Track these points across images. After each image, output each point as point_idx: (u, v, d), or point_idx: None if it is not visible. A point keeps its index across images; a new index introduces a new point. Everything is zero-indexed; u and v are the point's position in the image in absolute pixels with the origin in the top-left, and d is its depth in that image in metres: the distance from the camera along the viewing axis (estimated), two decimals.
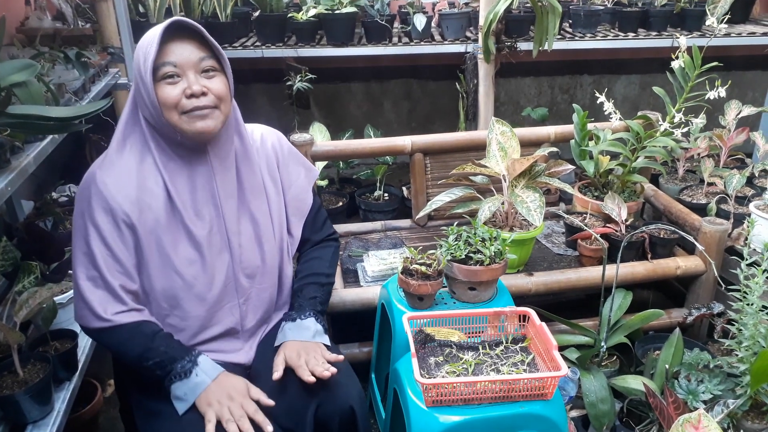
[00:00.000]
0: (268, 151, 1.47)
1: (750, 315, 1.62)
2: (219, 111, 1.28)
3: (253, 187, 1.41)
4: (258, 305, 1.47)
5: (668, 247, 2.16)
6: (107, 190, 1.27)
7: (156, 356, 1.29)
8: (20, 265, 1.65)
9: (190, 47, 1.25)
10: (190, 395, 1.28)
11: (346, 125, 3.69)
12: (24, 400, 1.37)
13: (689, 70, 2.09)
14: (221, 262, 1.37)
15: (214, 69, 1.28)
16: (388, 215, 3.04)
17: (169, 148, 1.31)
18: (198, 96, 1.24)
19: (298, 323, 1.45)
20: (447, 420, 1.32)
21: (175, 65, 1.24)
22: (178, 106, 1.24)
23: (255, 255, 1.42)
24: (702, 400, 1.65)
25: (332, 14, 3.15)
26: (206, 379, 1.29)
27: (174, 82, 1.24)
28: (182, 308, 1.36)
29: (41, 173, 2.49)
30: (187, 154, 1.32)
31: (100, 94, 2.19)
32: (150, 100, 1.24)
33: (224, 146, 1.35)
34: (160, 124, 1.27)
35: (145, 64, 1.22)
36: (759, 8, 3.75)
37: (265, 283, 1.46)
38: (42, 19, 2.53)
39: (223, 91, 1.28)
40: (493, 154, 2.02)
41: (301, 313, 1.47)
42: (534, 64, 3.49)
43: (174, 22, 1.23)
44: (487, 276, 1.63)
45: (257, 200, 1.42)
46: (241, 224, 1.40)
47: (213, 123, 1.28)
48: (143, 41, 1.26)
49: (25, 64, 1.46)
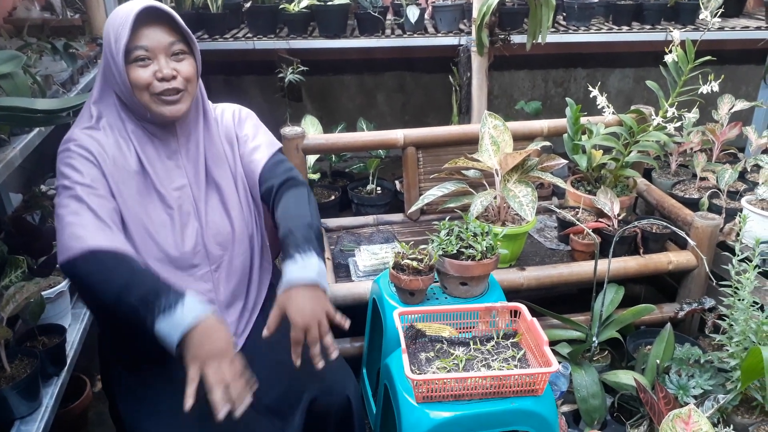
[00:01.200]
0: (226, 120, 1.51)
1: (741, 311, 1.63)
2: (187, 92, 1.33)
3: (215, 156, 1.44)
4: (231, 273, 1.45)
5: (660, 242, 2.16)
6: (89, 143, 1.30)
7: (140, 289, 1.17)
8: (7, 259, 1.63)
9: (161, 32, 1.28)
10: (174, 333, 1.14)
11: (338, 118, 3.67)
12: (11, 396, 1.36)
13: (682, 64, 2.08)
14: (191, 228, 1.38)
15: (184, 52, 1.32)
16: (381, 209, 3.03)
17: (138, 121, 1.36)
18: (168, 79, 1.29)
19: (299, 260, 1.30)
20: (437, 416, 1.32)
21: (147, 49, 1.27)
22: (149, 87, 1.29)
23: (224, 222, 1.43)
24: (692, 395, 1.65)
25: (324, 5, 3.13)
26: (189, 318, 1.15)
27: (145, 65, 1.28)
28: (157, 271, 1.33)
29: (29, 166, 2.46)
30: (156, 129, 1.37)
31: (88, 86, 2.15)
32: (121, 80, 1.28)
33: (191, 122, 1.41)
34: (131, 102, 1.32)
35: (117, 46, 1.25)
36: (752, 2, 3.75)
37: (236, 250, 1.45)
38: (30, 10, 2.50)
39: (192, 73, 1.33)
40: (486, 148, 2.01)
41: (299, 249, 1.32)
42: (527, 58, 3.48)
43: (146, 7, 1.26)
44: (479, 271, 1.62)
45: (219, 169, 1.44)
46: (208, 193, 1.42)
47: (182, 106, 1.33)
48: (114, 20, 1.28)
49: (11, 55, 1.44)
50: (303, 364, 1.29)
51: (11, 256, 1.64)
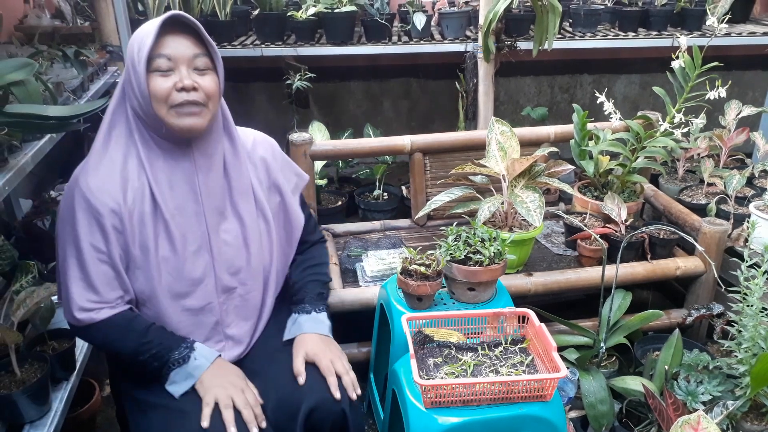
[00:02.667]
0: (259, 155, 1.46)
1: (750, 317, 1.62)
2: (207, 109, 1.28)
3: (241, 188, 1.40)
4: (241, 307, 1.43)
5: (668, 247, 2.16)
6: (91, 194, 1.27)
7: (151, 348, 1.29)
8: (18, 264, 1.65)
9: (186, 42, 1.25)
10: (190, 378, 1.29)
11: (345, 124, 3.68)
12: (21, 400, 1.36)
13: (689, 70, 2.08)
14: (200, 260, 1.35)
15: (207, 67, 1.28)
16: (387, 215, 3.03)
17: (152, 140, 1.30)
18: (188, 90, 1.25)
19: (314, 316, 1.46)
20: (446, 421, 1.32)
21: (170, 58, 1.24)
22: (168, 99, 1.24)
23: (240, 255, 1.40)
24: (701, 401, 1.64)
25: (332, 13, 3.15)
26: (205, 362, 1.31)
27: (166, 75, 1.24)
28: (159, 304, 1.34)
29: (39, 172, 2.48)
30: (171, 147, 1.31)
31: (98, 93, 2.18)
32: (140, 90, 1.24)
33: (210, 144, 1.35)
34: (148, 115, 1.27)
35: (140, 54, 1.23)
36: (759, 8, 3.75)
37: (249, 284, 1.43)
38: (41, 17, 2.52)
39: (213, 89, 1.29)
40: (493, 153, 2.02)
41: (314, 306, 1.48)
42: (534, 64, 3.49)
43: (173, 15, 1.24)
44: (487, 276, 1.63)
45: (244, 201, 1.40)
46: (228, 223, 1.38)
47: (200, 121, 1.28)
48: (140, 32, 1.26)
49: (23, 62, 1.45)
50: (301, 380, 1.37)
51: (22, 261, 1.65)
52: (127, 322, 1.31)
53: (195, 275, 1.35)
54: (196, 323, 1.37)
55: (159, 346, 1.29)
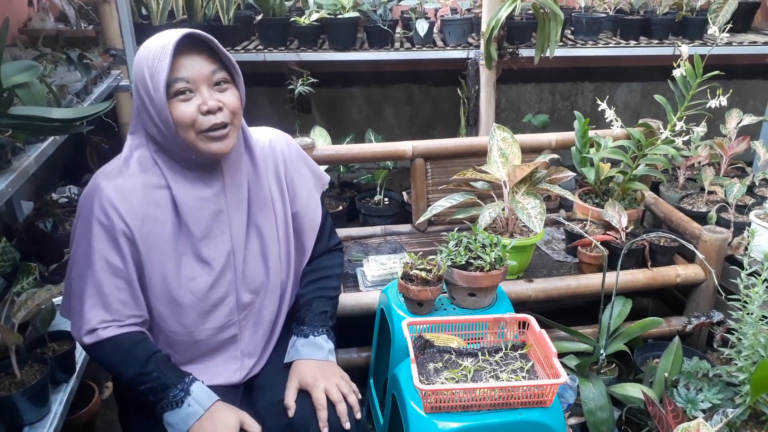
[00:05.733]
0: (277, 157, 1.40)
1: (750, 324, 1.62)
2: (233, 126, 1.23)
3: (261, 201, 1.35)
4: (258, 323, 1.41)
5: (668, 255, 2.16)
6: (109, 202, 1.21)
7: (149, 381, 1.23)
8: (19, 266, 1.65)
9: (201, 60, 1.18)
10: (182, 425, 1.23)
11: (347, 129, 3.69)
12: (21, 402, 1.36)
13: (690, 79, 2.09)
14: (224, 279, 1.32)
15: (226, 81, 1.22)
16: (388, 220, 3.04)
17: (178, 165, 1.25)
18: (214, 112, 1.18)
19: (312, 340, 1.39)
20: (446, 426, 1.32)
21: (188, 81, 1.17)
22: (194, 125, 1.18)
23: (260, 271, 1.37)
24: (701, 408, 1.64)
25: (335, 19, 3.16)
26: (199, 410, 1.24)
27: (187, 99, 1.17)
28: (181, 323, 1.31)
29: (42, 174, 2.49)
30: (199, 169, 1.26)
31: (101, 96, 2.19)
32: (162, 119, 1.17)
33: (236, 160, 1.30)
34: (173, 143, 1.20)
35: (155, 81, 1.15)
36: (760, 17, 3.76)
37: (267, 300, 1.40)
38: (45, 21, 2.54)
39: (237, 105, 1.23)
40: (494, 160, 2.02)
41: (313, 329, 1.41)
42: (535, 71, 3.49)
43: (186, 35, 1.16)
44: (487, 282, 1.63)
45: (263, 214, 1.36)
46: (249, 239, 1.35)
47: (230, 142, 1.23)
48: (148, 53, 1.17)
49: (28, 65, 1.46)
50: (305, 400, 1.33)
51: (23, 263, 1.66)
52: (132, 345, 1.25)
53: (218, 295, 1.32)
54: (215, 341, 1.36)
55: (156, 381, 1.23)
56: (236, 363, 1.40)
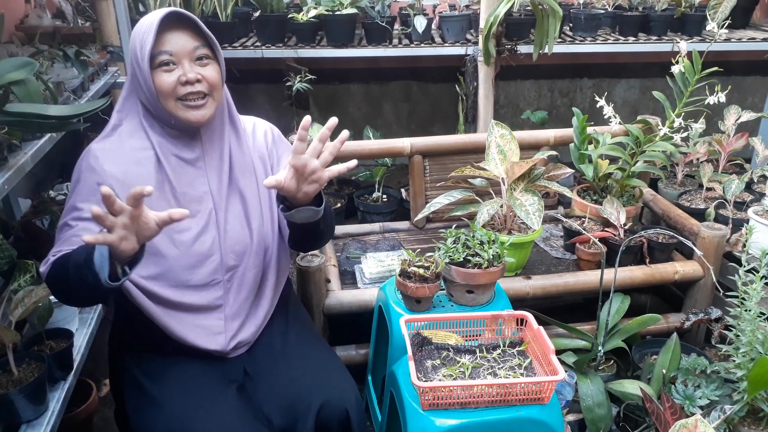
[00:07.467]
0: (259, 137, 1.51)
1: (747, 321, 1.62)
2: (212, 98, 1.34)
3: (242, 166, 1.44)
4: (242, 284, 1.44)
5: (666, 251, 2.16)
6: (96, 159, 1.31)
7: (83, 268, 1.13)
8: (16, 263, 1.64)
9: (185, 36, 1.30)
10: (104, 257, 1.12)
11: (345, 126, 3.63)
12: (18, 400, 1.36)
13: (689, 75, 2.09)
14: (209, 236, 1.38)
15: (208, 57, 1.33)
16: (387, 217, 3.04)
17: (162, 128, 1.36)
18: (193, 83, 1.30)
19: None
20: (443, 423, 1.32)
21: (171, 54, 1.29)
22: (173, 92, 1.30)
23: (244, 233, 1.43)
24: (699, 405, 1.64)
25: (333, 15, 3.15)
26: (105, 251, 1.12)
27: (170, 70, 1.29)
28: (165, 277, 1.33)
29: (39, 171, 2.48)
30: (180, 134, 1.37)
31: (98, 93, 2.18)
32: (147, 86, 1.29)
33: (216, 130, 1.41)
34: (156, 108, 1.32)
35: (142, 52, 1.27)
36: (759, 13, 3.76)
37: (251, 262, 1.45)
38: (41, 17, 2.52)
39: (216, 78, 1.33)
40: (493, 156, 2.02)
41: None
42: (534, 68, 3.49)
43: (170, 12, 1.28)
44: (485, 279, 1.63)
45: (246, 179, 1.44)
46: (230, 202, 1.42)
47: (207, 111, 1.33)
48: (140, 28, 1.31)
49: (24, 62, 1.45)
50: (307, 375, 1.37)
51: (20, 261, 1.65)
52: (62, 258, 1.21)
53: (202, 249, 1.37)
54: (199, 299, 1.38)
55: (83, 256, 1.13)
56: (220, 324, 1.41)
